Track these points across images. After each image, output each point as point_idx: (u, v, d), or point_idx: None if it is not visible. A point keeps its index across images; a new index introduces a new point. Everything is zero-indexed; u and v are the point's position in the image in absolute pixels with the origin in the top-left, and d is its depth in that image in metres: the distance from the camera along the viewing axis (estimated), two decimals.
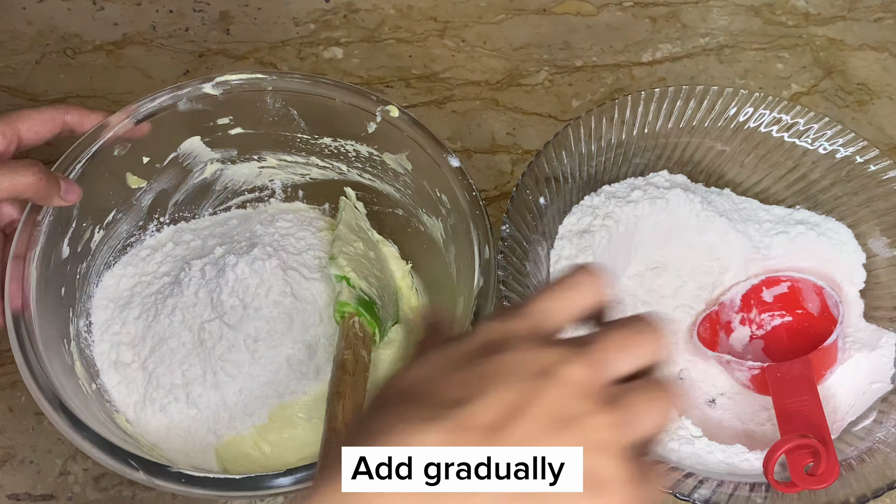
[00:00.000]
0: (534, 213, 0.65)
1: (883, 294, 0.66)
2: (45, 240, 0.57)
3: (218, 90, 0.63)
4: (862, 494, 0.55)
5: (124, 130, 0.61)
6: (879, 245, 0.67)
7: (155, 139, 0.62)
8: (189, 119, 0.63)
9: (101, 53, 0.81)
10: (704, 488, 0.55)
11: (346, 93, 0.63)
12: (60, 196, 0.56)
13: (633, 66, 0.83)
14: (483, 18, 0.85)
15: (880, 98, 0.82)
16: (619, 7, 0.87)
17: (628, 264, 0.69)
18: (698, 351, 0.66)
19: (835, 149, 0.68)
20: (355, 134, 0.64)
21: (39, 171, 0.54)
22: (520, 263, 0.62)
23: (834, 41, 0.86)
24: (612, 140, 0.69)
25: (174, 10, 0.84)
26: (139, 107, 0.61)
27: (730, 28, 0.86)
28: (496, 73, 0.82)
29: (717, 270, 0.69)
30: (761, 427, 0.64)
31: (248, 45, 0.82)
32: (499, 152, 0.78)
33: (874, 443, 0.58)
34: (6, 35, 0.82)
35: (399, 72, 0.81)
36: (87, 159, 0.59)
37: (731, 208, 0.69)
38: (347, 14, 0.85)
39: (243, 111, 0.64)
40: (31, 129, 0.58)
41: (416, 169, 0.63)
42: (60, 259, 0.59)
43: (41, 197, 0.56)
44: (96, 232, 0.62)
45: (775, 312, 0.68)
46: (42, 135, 0.59)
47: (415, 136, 0.62)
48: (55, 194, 0.56)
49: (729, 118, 0.70)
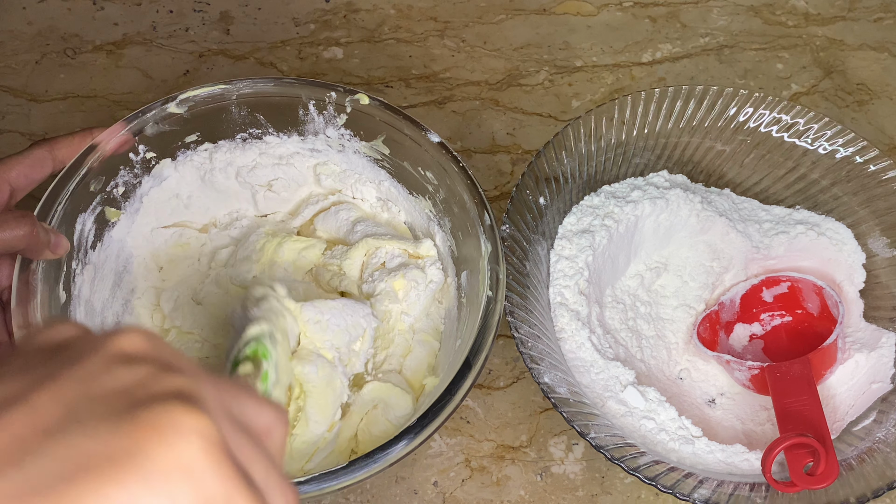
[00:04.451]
0: (534, 213, 0.65)
1: (883, 294, 0.66)
2: (42, 287, 0.55)
3: (182, 108, 0.62)
4: (862, 494, 0.55)
5: (98, 163, 0.59)
6: (879, 245, 0.67)
7: (127, 168, 0.62)
8: (158, 142, 0.62)
9: (101, 53, 0.81)
10: (704, 488, 0.55)
11: (312, 88, 0.63)
12: (50, 250, 0.55)
13: (633, 66, 0.83)
14: (483, 18, 0.85)
15: (880, 98, 0.82)
16: (619, 7, 0.87)
17: (628, 264, 0.69)
18: (698, 351, 0.66)
19: (835, 149, 0.68)
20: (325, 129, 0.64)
21: (33, 225, 0.53)
22: (520, 263, 0.62)
23: (834, 41, 0.86)
24: (612, 140, 0.69)
25: (174, 10, 0.84)
26: (109, 137, 0.60)
27: (730, 28, 0.86)
28: (496, 73, 0.82)
29: (717, 270, 0.69)
30: (761, 427, 0.64)
31: (248, 45, 0.82)
32: (499, 152, 0.78)
33: (874, 443, 0.58)
34: (6, 35, 0.82)
35: (399, 72, 0.81)
36: (65, 200, 0.57)
37: (730, 208, 0.69)
38: (347, 14, 0.85)
39: (210, 125, 0.63)
40: (22, 175, 0.56)
41: (394, 152, 0.63)
42: (59, 304, 0.57)
43: (32, 251, 0.54)
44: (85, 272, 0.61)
45: (775, 312, 0.68)
46: (34, 178, 0.57)
47: (389, 119, 0.62)
48: (45, 248, 0.54)
49: (729, 118, 0.70)
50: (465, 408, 0.66)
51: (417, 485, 0.63)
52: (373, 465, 0.50)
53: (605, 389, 0.61)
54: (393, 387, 0.58)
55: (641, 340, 0.67)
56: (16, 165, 0.56)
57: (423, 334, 0.62)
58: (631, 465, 0.55)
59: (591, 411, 0.58)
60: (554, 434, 0.65)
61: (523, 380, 0.67)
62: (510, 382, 0.67)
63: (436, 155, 0.61)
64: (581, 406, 0.58)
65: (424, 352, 0.61)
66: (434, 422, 0.51)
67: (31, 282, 0.55)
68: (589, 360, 0.62)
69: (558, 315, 0.63)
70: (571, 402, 0.58)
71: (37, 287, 0.55)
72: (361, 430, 0.58)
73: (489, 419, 0.65)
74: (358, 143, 0.64)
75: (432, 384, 0.59)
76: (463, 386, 0.52)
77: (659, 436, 0.59)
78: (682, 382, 0.66)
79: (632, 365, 0.64)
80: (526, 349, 0.58)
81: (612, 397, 0.61)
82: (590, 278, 0.65)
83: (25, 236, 0.53)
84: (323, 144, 0.65)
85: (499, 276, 0.56)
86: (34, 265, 0.55)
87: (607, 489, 0.63)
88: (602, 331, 0.65)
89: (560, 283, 0.64)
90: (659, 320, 0.68)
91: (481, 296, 0.56)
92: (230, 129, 0.64)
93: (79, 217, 0.59)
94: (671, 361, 0.67)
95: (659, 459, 0.57)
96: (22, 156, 0.57)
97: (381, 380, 0.59)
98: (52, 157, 0.58)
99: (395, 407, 0.58)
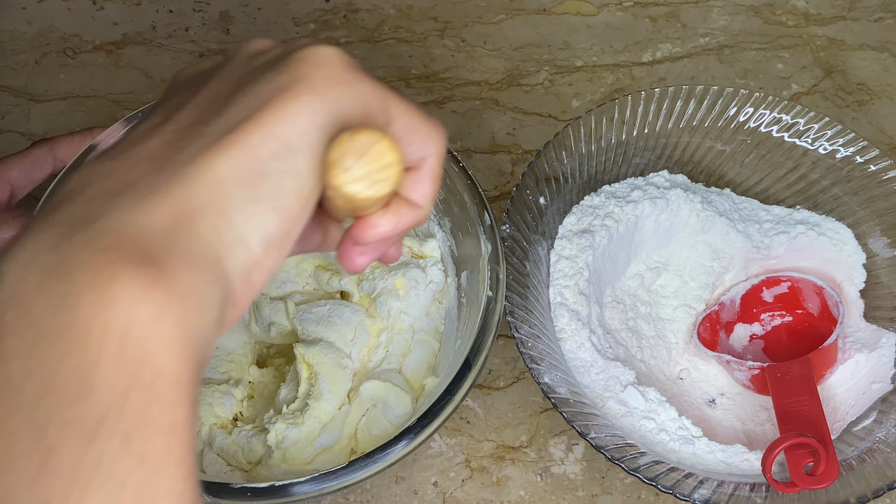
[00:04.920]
0: (534, 213, 0.65)
1: (883, 294, 0.66)
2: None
3: None
4: (862, 495, 0.55)
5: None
6: (880, 245, 0.67)
7: None
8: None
9: (101, 53, 0.81)
10: (704, 488, 0.55)
11: None
12: None
13: (633, 65, 0.83)
14: (483, 18, 0.85)
15: (880, 98, 0.82)
16: (619, 7, 0.87)
17: (628, 264, 0.69)
18: (698, 351, 0.66)
19: (835, 149, 0.68)
20: None
21: None
22: (520, 263, 0.62)
23: (834, 41, 0.86)
24: (612, 140, 0.69)
25: (174, 10, 0.84)
26: (108, 137, 0.59)
27: (730, 28, 0.86)
28: (496, 73, 0.82)
29: (718, 270, 0.69)
30: (761, 427, 0.64)
31: None
32: (499, 152, 0.78)
33: (874, 443, 0.58)
34: (6, 35, 0.82)
35: (399, 72, 0.81)
36: None
37: (731, 208, 0.69)
38: (347, 14, 0.85)
39: None
40: (22, 174, 0.56)
41: None
42: None
43: None
44: None
45: (775, 312, 0.68)
46: (35, 177, 0.57)
47: None
48: None
49: (729, 118, 0.70)
50: (465, 408, 0.66)
51: (417, 485, 0.63)
52: (373, 465, 0.50)
53: (605, 389, 0.61)
54: (392, 386, 0.58)
55: (641, 340, 0.67)
56: (16, 165, 0.56)
57: (423, 334, 0.62)
58: (631, 466, 0.55)
59: (591, 411, 0.58)
60: (554, 434, 0.65)
61: (523, 380, 0.67)
62: (510, 382, 0.67)
63: None
64: (581, 406, 0.58)
65: (424, 352, 0.61)
66: (434, 422, 0.51)
67: None
68: (589, 360, 0.62)
69: (558, 315, 0.63)
70: (571, 402, 0.57)
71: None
72: (361, 430, 0.58)
73: (489, 419, 0.65)
74: None
75: (432, 384, 0.59)
76: (463, 386, 0.52)
77: (659, 436, 0.59)
78: (682, 382, 0.66)
79: (632, 365, 0.64)
80: (526, 349, 0.58)
81: (613, 397, 0.61)
82: (590, 278, 0.65)
83: None
84: None
85: (499, 276, 0.56)
86: None
87: (607, 489, 0.63)
88: (602, 331, 0.65)
89: (560, 283, 0.64)
90: (659, 320, 0.68)
91: (481, 296, 0.56)
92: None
93: None
94: (671, 361, 0.67)
95: (659, 459, 0.57)
96: (22, 155, 0.57)
97: (381, 379, 0.59)
98: (52, 157, 0.58)
99: (394, 407, 0.58)
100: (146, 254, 0.27)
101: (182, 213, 0.29)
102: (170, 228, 0.28)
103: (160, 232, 0.28)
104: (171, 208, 0.29)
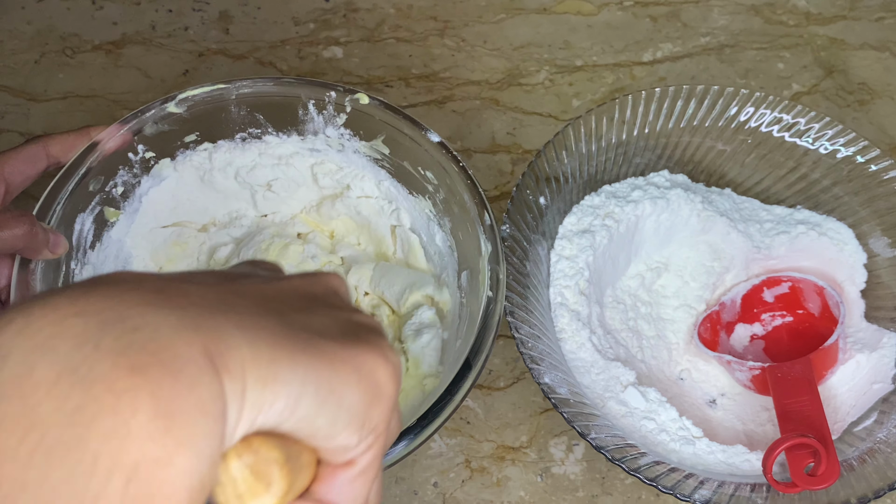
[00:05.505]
0: (534, 213, 0.65)
1: (884, 294, 0.66)
2: (41, 286, 0.55)
3: (182, 107, 0.61)
4: (863, 495, 0.55)
5: (98, 163, 0.59)
6: (880, 245, 0.67)
7: (126, 168, 0.62)
8: (157, 142, 0.62)
9: (101, 53, 0.81)
10: (705, 489, 0.55)
11: (311, 88, 0.63)
12: (49, 249, 0.54)
13: (634, 65, 0.83)
14: (483, 18, 0.85)
15: (881, 98, 0.82)
16: (619, 6, 0.87)
17: (629, 264, 0.68)
18: (699, 351, 0.66)
19: (836, 149, 0.68)
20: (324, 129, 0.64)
21: (31, 224, 0.53)
22: (520, 263, 0.62)
23: (835, 41, 0.86)
24: (613, 140, 0.69)
25: (174, 10, 0.84)
26: (108, 137, 0.59)
27: (730, 27, 0.86)
28: (496, 72, 0.82)
29: (718, 270, 0.69)
30: (762, 427, 0.64)
31: (248, 44, 0.82)
32: (499, 152, 0.78)
33: (875, 443, 0.58)
34: (5, 35, 0.82)
35: (399, 71, 0.81)
36: (64, 200, 0.57)
37: (731, 208, 0.69)
38: (347, 13, 0.85)
39: (209, 125, 0.63)
40: (16, 170, 0.56)
41: (394, 152, 0.63)
42: None
43: (31, 250, 0.54)
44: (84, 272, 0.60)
45: (776, 312, 0.68)
46: (29, 174, 0.57)
47: (389, 119, 0.62)
48: (44, 247, 0.54)
49: (730, 118, 0.70)
50: (466, 408, 0.65)
51: (417, 485, 0.62)
52: None
53: (606, 390, 0.61)
54: None
55: (642, 341, 0.66)
56: (9, 160, 0.56)
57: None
58: (631, 466, 0.55)
59: (591, 412, 0.58)
60: (554, 435, 0.65)
61: (523, 380, 0.67)
62: (510, 383, 0.67)
63: (436, 155, 0.61)
64: (581, 406, 0.58)
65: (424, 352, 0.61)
66: (434, 422, 0.51)
67: (30, 281, 0.54)
68: (589, 361, 0.62)
69: (559, 315, 0.63)
70: (572, 402, 0.57)
71: (36, 287, 0.54)
72: None
73: (489, 420, 0.65)
74: (358, 143, 0.64)
75: (432, 384, 0.59)
76: (463, 386, 0.52)
77: (659, 436, 0.59)
78: (682, 383, 0.66)
79: (632, 365, 0.63)
80: (526, 349, 0.58)
81: (613, 398, 0.60)
82: (590, 278, 0.65)
83: (24, 236, 0.53)
84: (322, 144, 0.65)
85: (499, 277, 0.56)
86: (33, 265, 0.55)
87: (608, 490, 0.63)
88: (602, 331, 0.64)
89: (560, 284, 0.64)
90: (659, 320, 0.68)
91: (481, 296, 0.56)
92: (229, 128, 0.64)
93: (78, 217, 0.59)
94: (672, 362, 0.67)
95: (659, 460, 0.57)
96: (15, 151, 0.57)
97: None
98: (45, 154, 0.58)
99: None
100: (172, 389, 0.25)
101: (213, 355, 0.26)
102: (202, 368, 0.26)
103: (191, 368, 0.26)
104: (202, 347, 0.26)
